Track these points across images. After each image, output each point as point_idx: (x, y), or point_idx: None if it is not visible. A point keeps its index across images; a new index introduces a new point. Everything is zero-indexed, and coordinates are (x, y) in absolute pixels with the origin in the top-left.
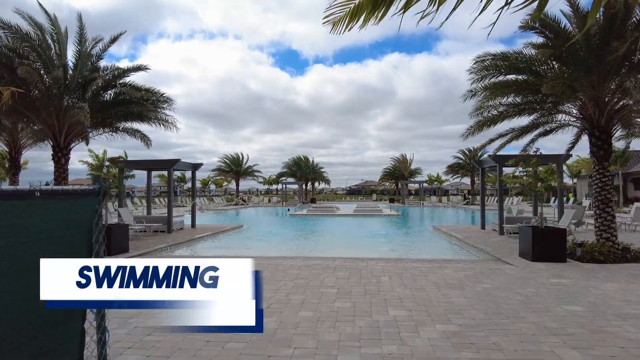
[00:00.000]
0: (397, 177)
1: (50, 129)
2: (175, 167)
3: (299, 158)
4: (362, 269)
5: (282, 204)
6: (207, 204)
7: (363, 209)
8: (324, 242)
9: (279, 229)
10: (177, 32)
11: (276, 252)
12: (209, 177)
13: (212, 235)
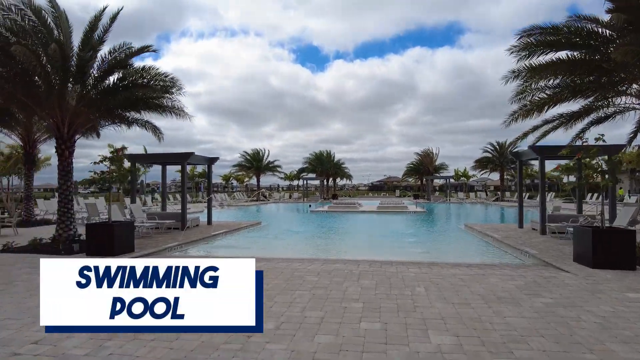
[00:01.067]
0: (422, 173)
1: (53, 119)
2: (190, 161)
3: (320, 153)
4: (391, 276)
5: (303, 200)
6: (227, 200)
7: (387, 205)
8: (346, 242)
9: (298, 226)
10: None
11: (293, 252)
12: (230, 173)
13: (227, 233)
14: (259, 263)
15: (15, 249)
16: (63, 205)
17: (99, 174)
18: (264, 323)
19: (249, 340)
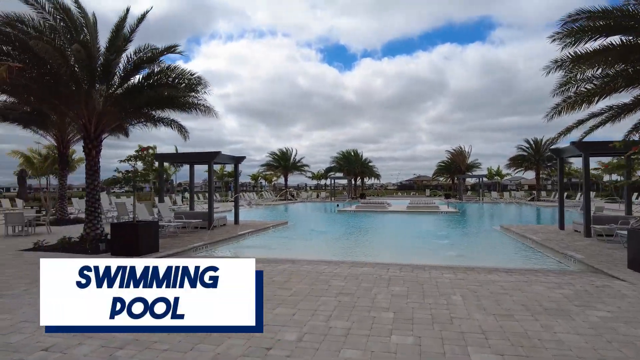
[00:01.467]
0: (453, 172)
1: (80, 118)
2: (216, 160)
3: (347, 153)
4: (424, 282)
5: (331, 199)
6: (255, 199)
7: (417, 205)
8: (374, 244)
9: (325, 226)
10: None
11: (319, 254)
12: (259, 172)
13: (253, 233)
14: (283, 265)
15: (46, 247)
16: (90, 205)
17: (124, 173)
18: (286, 332)
19: (267, 353)
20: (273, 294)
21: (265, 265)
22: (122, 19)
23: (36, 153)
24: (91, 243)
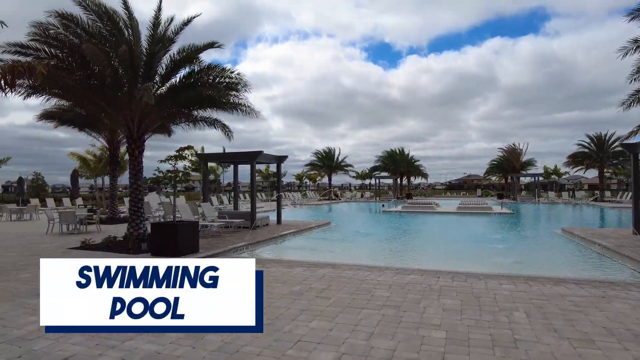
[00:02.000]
0: (507, 170)
1: (123, 118)
2: (259, 160)
3: (393, 151)
4: (480, 293)
5: (376, 199)
6: (300, 199)
7: (467, 205)
8: (422, 247)
9: (369, 227)
10: (274, 35)
11: (363, 257)
12: (303, 172)
13: (295, 233)
14: (324, 269)
15: (92, 246)
16: (133, 205)
17: (164, 173)
18: (320, 352)
19: None
20: (310, 303)
21: (304, 269)
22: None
23: (91, 154)
24: (134, 243)
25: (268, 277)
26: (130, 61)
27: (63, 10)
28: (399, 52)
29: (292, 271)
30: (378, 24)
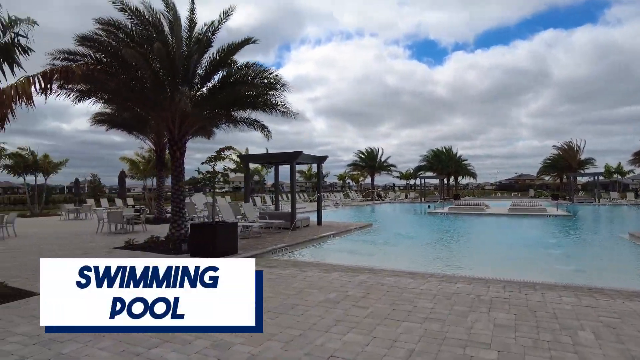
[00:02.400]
0: (562, 169)
1: (164, 120)
2: (299, 160)
3: (439, 150)
4: (536, 307)
5: (421, 200)
6: (342, 200)
7: (520, 207)
8: (471, 252)
9: (413, 230)
10: (317, 37)
11: (405, 262)
12: (345, 173)
13: (335, 235)
14: (362, 275)
15: (135, 245)
16: (175, 205)
17: (204, 174)
18: None
19: None
20: (345, 313)
21: (342, 274)
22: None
23: (141, 157)
24: (175, 243)
25: (304, 282)
26: (169, 63)
27: (109, 17)
28: (444, 49)
29: (329, 276)
30: (422, 21)
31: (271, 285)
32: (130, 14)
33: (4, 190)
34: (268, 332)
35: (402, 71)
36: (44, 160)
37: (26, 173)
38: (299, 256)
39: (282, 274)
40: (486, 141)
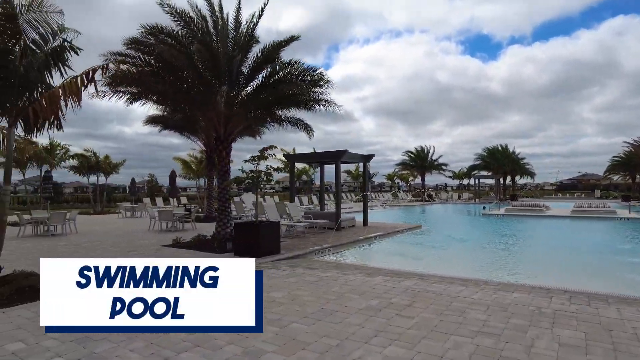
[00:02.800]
0: (635, 168)
1: (210, 120)
2: (344, 159)
3: (494, 149)
4: (611, 325)
5: (475, 200)
6: (390, 200)
7: (585, 208)
8: (530, 258)
9: (466, 232)
10: (365, 36)
11: (456, 268)
12: (394, 172)
13: (381, 236)
14: (409, 281)
15: (182, 244)
16: (221, 204)
17: (247, 173)
18: None
19: None
20: (388, 323)
21: (386, 279)
22: (249, 22)
23: (193, 157)
24: (220, 242)
25: (345, 286)
26: (213, 63)
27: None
28: (498, 43)
29: (373, 280)
30: (475, 15)
31: (311, 288)
32: (175, 15)
33: (75, 190)
34: (303, 340)
35: (454, 67)
36: (104, 161)
37: (89, 173)
38: (342, 258)
39: (323, 277)
40: (545, 139)
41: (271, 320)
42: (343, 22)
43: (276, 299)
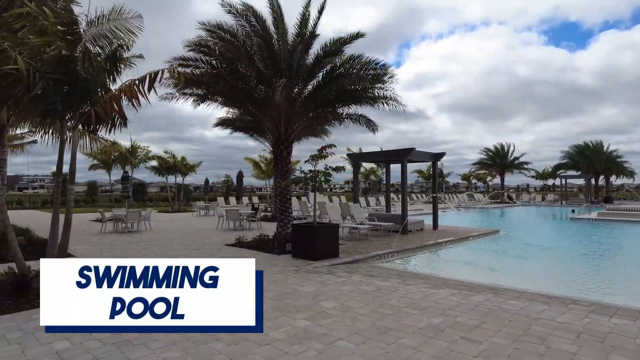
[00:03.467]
0: None
1: (271, 119)
2: (411, 158)
3: (584, 146)
4: None
5: (561, 203)
6: (465, 201)
7: None
8: (632, 274)
9: (551, 239)
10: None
11: (537, 282)
12: (470, 172)
13: (452, 242)
14: (479, 296)
15: (244, 243)
16: (281, 205)
17: (305, 173)
18: None
19: None
20: (450, 348)
21: (453, 292)
22: (307, 18)
23: (263, 158)
24: (279, 242)
25: (404, 298)
26: (272, 60)
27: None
28: (588, 30)
29: (437, 294)
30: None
31: (366, 299)
32: (236, 15)
33: (161, 189)
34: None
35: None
36: (180, 163)
37: (168, 173)
38: (405, 265)
39: (381, 286)
40: None
41: (316, 335)
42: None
43: (326, 309)
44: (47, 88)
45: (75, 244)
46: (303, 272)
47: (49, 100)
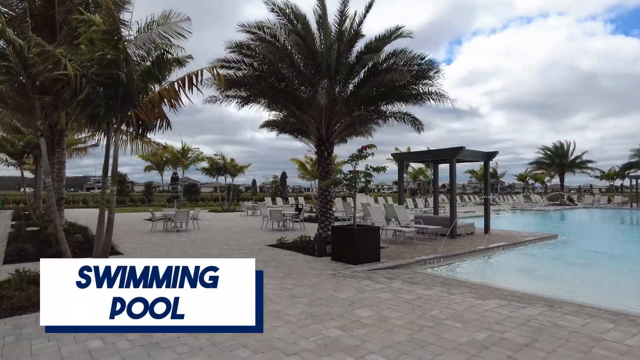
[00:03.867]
0: None
1: (312, 119)
2: (460, 157)
3: None
4: None
5: (631, 205)
6: (521, 203)
7: None
8: None
9: (617, 246)
10: (491, 26)
11: (600, 295)
12: (527, 172)
13: (504, 247)
14: (532, 309)
15: (285, 244)
16: (322, 206)
17: (345, 174)
18: None
19: None
20: None
21: (502, 304)
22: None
23: (308, 158)
24: (320, 244)
25: (447, 309)
26: (313, 59)
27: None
28: None
29: (484, 305)
30: None
31: (404, 309)
32: (279, 13)
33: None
34: None
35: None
36: (230, 164)
37: (218, 174)
38: (451, 272)
39: (422, 295)
40: None
41: (347, 346)
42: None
43: (361, 318)
44: (92, 92)
45: (125, 242)
46: (340, 276)
47: (95, 104)
